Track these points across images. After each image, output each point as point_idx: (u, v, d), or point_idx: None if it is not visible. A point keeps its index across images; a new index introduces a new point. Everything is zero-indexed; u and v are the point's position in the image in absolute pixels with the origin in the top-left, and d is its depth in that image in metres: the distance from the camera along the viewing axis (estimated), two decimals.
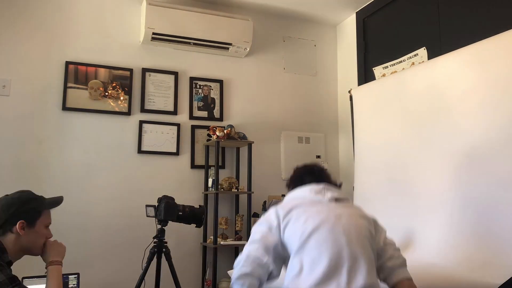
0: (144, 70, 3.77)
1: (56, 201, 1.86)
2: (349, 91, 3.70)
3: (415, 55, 3.43)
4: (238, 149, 3.95)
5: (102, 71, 3.63)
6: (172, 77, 3.86)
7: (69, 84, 3.52)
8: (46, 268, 1.80)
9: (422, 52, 3.36)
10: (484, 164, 2.36)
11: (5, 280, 1.56)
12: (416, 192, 2.74)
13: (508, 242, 2.11)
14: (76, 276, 2.83)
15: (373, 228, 1.79)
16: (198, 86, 3.95)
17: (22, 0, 3.50)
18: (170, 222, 2.68)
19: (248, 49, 3.99)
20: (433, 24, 3.32)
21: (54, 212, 1.90)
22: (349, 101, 3.70)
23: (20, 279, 1.66)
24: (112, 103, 3.63)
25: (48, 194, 1.99)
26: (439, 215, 2.53)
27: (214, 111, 3.97)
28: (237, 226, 3.70)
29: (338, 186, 1.93)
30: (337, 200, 1.80)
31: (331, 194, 1.80)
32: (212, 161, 3.80)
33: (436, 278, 2.02)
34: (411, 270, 1.78)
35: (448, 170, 2.56)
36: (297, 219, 1.69)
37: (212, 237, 3.58)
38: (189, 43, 3.80)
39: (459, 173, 2.49)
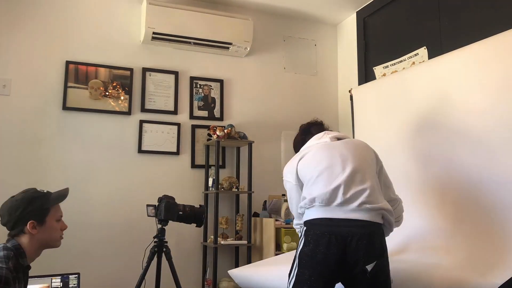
0: (145, 70, 3.77)
1: (62, 195, 1.87)
2: (350, 91, 3.69)
3: (415, 55, 3.42)
4: (238, 149, 3.95)
5: (102, 70, 3.63)
6: (172, 76, 3.86)
7: (70, 84, 3.52)
8: None
9: (423, 51, 3.36)
10: (486, 164, 2.35)
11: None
12: (417, 192, 2.74)
13: (509, 242, 2.11)
14: (76, 276, 2.83)
15: (375, 160, 2.07)
16: (198, 86, 3.95)
17: (22, 0, 3.50)
18: (170, 222, 2.68)
19: (248, 49, 3.99)
20: (433, 23, 3.31)
21: None
22: (350, 101, 3.69)
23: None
24: (112, 103, 3.63)
25: None
26: (440, 215, 2.53)
27: (214, 110, 3.97)
28: (238, 226, 3.70)
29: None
30: (339, 138, 2.12)
31: (333, 134, 2.14)
32: (212, 161, 3.80)
33: (436, 278, 2.02)
34: (411, 271, 1.79)
35: (449, 170, 2.56)
36: (308, 162, 2.03)
37: (212, 236, 3.58)
38: (190, 42, 3.80)
39: (460, 173, 2.49)
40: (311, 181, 1.96)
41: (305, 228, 1.91)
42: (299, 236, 2.00)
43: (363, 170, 1.93)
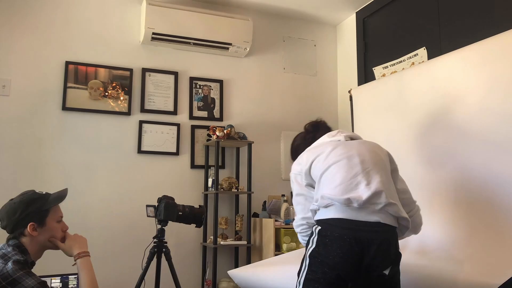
0: (144, 70, 3.77)
1: (61, 196, 1.84)
2: (349, 91, 3.69)
3: (415, 55, 3.43)
4: (238, 149, 3.95)
5: (102, 71, 3.63)
6: (172, 77, 3.86)
7: (69, 84, 3.52)
8: (75, 261, 1.85)
9: (422, 52, 3.36)
10: (484, 164, 2.36)
11: (36, 285, 1.59)
12: (416, 192, 2.73)
13: (508, 242, 2.11)
14: (76, 276, 2.83)
15: (389, 162, 1.99)
16: (198, 86, 3.95)
17: (22, 0, 3.50)
18: (170, 222, 2.68)
19: (248, 49, 3.99)
20: (433, 24, 3.32)
21: None
22: (349, 101, 3.69)
23: None
24: (112, 103, 3.63)
25: None
26: (439, 215, 2.53)
27: (214, 111, 3.97)
28: (237, 226, 3.70)
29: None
30: (352, 138, 2.07)
31: (346, 133, 2.07)
32: (212, 161, 3.80)
33: (436, 279, 2.02)
34: (411, 271, 1.79)
35: (448, 170, 2.56)
36: (320, 160, 1.93)
37: (212, 237, 3.58)
38: (189, 43, 3.80)
39: (459, 173, 2.49)
40: (328, 180, 1.86)
41: (319, 227, 1.82)
42: (306, 235, 1.92)
43: (381, 173, 1.87)
